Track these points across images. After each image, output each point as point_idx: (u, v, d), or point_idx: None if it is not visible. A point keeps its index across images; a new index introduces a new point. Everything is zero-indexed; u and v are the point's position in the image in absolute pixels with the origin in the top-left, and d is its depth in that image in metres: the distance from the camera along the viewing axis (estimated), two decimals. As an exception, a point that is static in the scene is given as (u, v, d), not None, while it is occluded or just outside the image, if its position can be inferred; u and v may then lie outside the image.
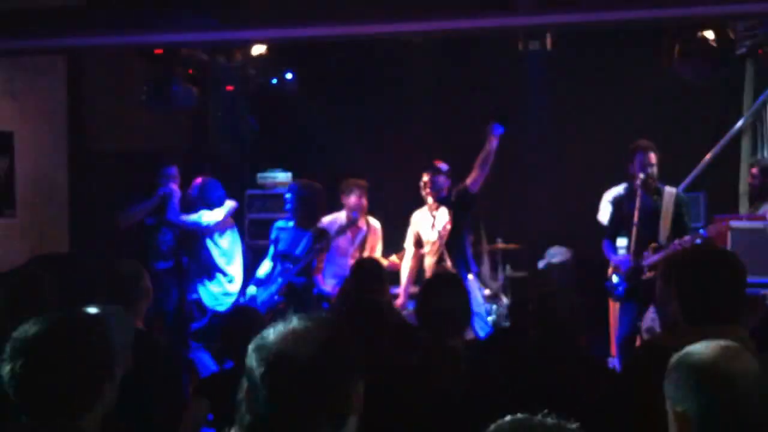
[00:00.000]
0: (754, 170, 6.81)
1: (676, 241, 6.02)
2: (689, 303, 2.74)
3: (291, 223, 6.77)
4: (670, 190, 6.32)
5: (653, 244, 6.17)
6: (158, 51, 7.31)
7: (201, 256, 6.80)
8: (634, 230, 6.24)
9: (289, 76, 8.72)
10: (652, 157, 6.24)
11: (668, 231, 6.17)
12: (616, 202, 6.56)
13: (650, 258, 6.15)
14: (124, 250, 6.91)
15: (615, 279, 6.34)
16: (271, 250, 6.79)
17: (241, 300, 6.75)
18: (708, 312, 2.70)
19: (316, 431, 1.73)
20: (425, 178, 6.69)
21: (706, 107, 8.30)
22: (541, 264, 8.47)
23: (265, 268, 6.78)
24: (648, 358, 2.78)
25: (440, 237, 6.52)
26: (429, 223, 6.66)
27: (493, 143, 6.46)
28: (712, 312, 2.69)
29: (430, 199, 6.69)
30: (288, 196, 6.76)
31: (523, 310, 4.23)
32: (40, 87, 7.86)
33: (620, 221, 6.44)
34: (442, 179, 6.70)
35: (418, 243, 6.80)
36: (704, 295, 2.71)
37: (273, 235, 6.78)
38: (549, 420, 1.52)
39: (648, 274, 6.10)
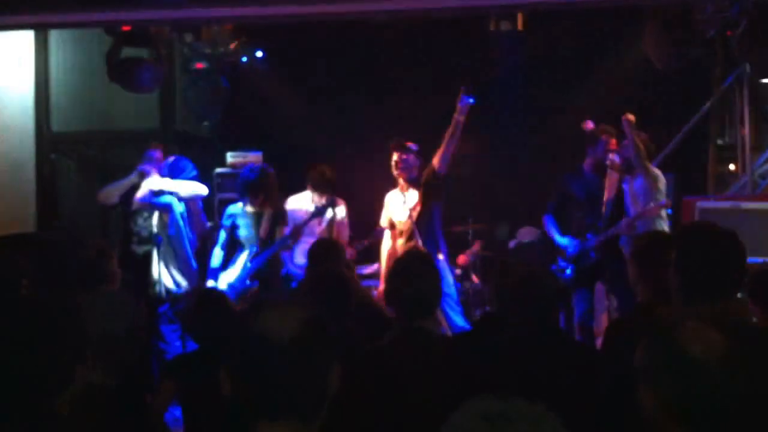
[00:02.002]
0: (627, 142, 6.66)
1: (622, 222, 6.21)
2: (692, 277, 2.76)
3: (242, 207, 6.62)
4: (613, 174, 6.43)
5: (596, 226, 6.29)
6: (126, 28, 7.22)
7: (162, 226, 6.69)
8: (579, 211, 6.37)
9: (259, 54, 8.64)
10: (614, 142, 6.36)
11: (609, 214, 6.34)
12: (565, 181, 6.58)
13: (594, 239, 6.26)
14: (93, 231, 6.84)
15: (561, 262, 6.41)
16: (223, 236, 6.61)
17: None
18: (711, 286, 2.72)
19: (297, 411, 1.74)
20: (395, 157, 6.68)
21: (675, 89, 8.35)
22: (511, 244, 8.50)
23: (217, 256, 6.58)
24: (629, 334, 2.78)
25: (410, 217, 6.51)
26: (400, 203, 6.66)
27: (461, 115, 6.43)
28: (714, 286, 2.71)
29: (400, 179, 6.69)
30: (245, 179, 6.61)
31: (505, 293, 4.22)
32: (5, 67, 7.75)
33: (565, 200, 6.51)
34: (411, 159, 6.68)
35: (391, 224, 6.79)
36: (709, 269, 2.74)
37: (227, 222, 6.58)
38: (521, 403, 1.51)
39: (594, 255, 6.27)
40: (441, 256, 6.56)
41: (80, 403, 2.32)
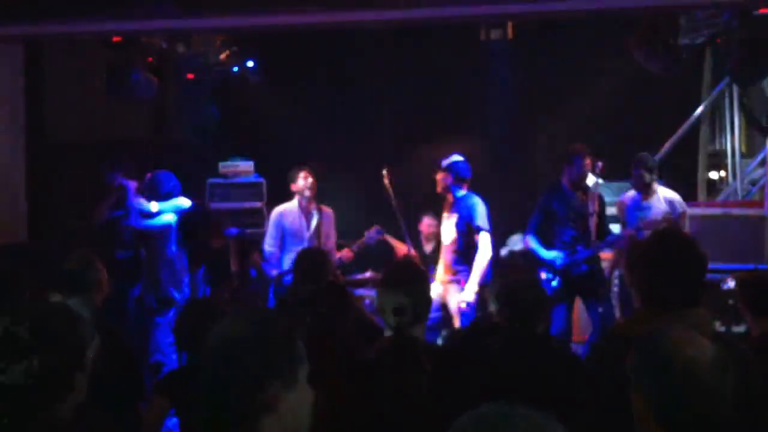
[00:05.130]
0: (637, 170, 6.64)
1: (624, 232, 6.37)
2: (653, 288, 2.76)
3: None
4: (593, 191, 6.48)
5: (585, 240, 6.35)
6: (117, 39, 7.22)
7: (162, 247, 6.74)
8: (561, 227, 6.44)
9: (250, 64, 8.65)
10: (589, 163, 6.43)
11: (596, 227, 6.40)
12: (545, 198, 6.62)
13: (585, 252, 6.29)
14: (84, 240, 6.83)
15: (545, 275, 6.43)
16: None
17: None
18: (672, 297, 2.71)
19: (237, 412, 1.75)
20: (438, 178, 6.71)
21: (665, 96, 8.38)
22: (503, 252, 8.50)
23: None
24: (611, 346, 2.79)
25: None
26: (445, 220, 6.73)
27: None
28: (675, 297, 2.71)
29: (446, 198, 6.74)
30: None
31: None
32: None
33: (547, 216, 6.54)
34: (442, 177, 6.68)
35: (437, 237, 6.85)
36: (668, 279, 2.73)
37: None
38: (521, 409, 1.51)
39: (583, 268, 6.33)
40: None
41: (81, 411, 2.32)
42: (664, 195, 6.62)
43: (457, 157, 6.66)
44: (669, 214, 6.42)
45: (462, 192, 6.62)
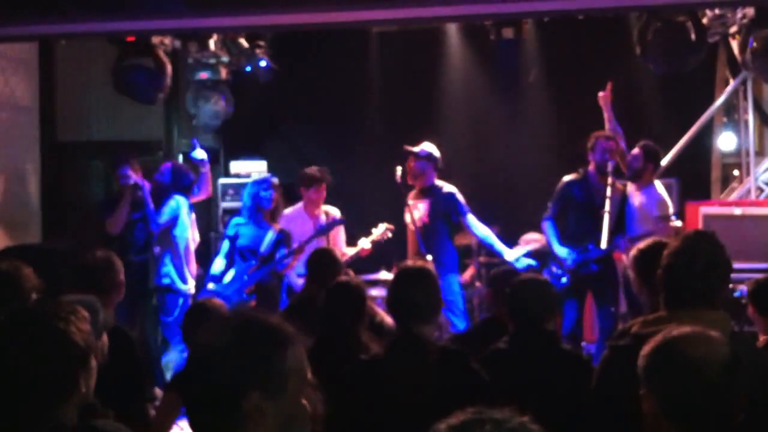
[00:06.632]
0: (636, 151, 6.62)
1: (621, 241, 6.22)
2: (673, 288, 2.74)
3: (247, 218, 6.60)
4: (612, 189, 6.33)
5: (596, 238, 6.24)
6: (130, 38, 7.24)
7: (171, 234, 6.79)
8: (577, 215, 6.40)
9: (263, 63, 8.65)
10: (613, 145, 6.32)
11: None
12: (566, 185, 6.52)
13: (596, 251, 6.19)
14: (98, 241, 6.86)
15: (556, 270, 6.35)
16: (227, 246, 6.62)
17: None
18: (691, 297, 2.69)
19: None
20: (408, 166, 6.60)
21: (679, 94, 8.34)
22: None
23: (219, 264, 6.59)
24: (625, 345, 2.78)
25: (417, 228, 6.46)
26: (413, 209, 6.59)
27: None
28: (695, 297, 2.69)
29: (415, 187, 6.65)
30: (260, 192, 6.60)
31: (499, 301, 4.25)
32: (11, 77, 7.77)
33: (566, 204, 6.45)
34: (420, 166, 6.59)
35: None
36: (683, 278, 2.71)
37: (231, 231, 6.59)
38: (498, 415, 1.49)
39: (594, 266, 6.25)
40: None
41: (86, 411, 2.32)
42: (654, 192, 6.46)
43: (431, 145, 6.62)
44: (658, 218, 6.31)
45: (436, 180, 6.59)
